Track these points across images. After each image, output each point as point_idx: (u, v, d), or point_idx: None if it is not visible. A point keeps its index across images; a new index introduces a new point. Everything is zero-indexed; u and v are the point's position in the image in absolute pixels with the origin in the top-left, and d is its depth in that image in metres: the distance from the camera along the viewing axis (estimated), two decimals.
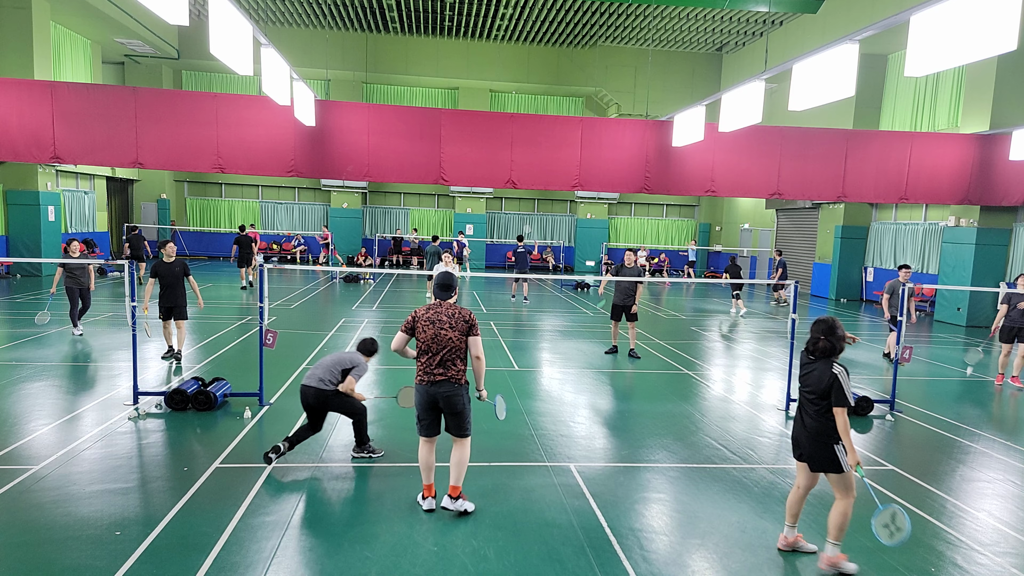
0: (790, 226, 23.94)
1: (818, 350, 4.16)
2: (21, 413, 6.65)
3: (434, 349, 4.61)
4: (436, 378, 4.60)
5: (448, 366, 4.60)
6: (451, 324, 4.60)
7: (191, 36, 23.57)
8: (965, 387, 9.43)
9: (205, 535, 4.28)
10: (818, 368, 4.12)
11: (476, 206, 28.43)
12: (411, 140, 13.76)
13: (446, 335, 4.59)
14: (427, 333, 4.61)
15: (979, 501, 5.40)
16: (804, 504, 4.44)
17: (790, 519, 4.38)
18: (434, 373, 4.61)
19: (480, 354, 4.68)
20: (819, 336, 4.15)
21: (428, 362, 4.64)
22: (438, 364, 4.61)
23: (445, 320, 4.61)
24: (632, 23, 23.16)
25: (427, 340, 4.61)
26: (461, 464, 4.71)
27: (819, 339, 4.14)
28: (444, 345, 4.59)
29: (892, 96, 18.93)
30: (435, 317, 4.63)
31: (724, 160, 14.48)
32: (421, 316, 4.66)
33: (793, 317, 7.64)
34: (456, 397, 4.60)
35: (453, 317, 4.62)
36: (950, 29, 6.20)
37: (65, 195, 20.45)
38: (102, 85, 15.37)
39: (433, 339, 4.60)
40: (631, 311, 10.39)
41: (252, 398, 7.22)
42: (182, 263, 9.16)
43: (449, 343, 4.59)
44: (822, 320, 4.21)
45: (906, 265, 10.38)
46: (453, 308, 4.67)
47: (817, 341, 4.16)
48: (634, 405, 7.97)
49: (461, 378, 4.64)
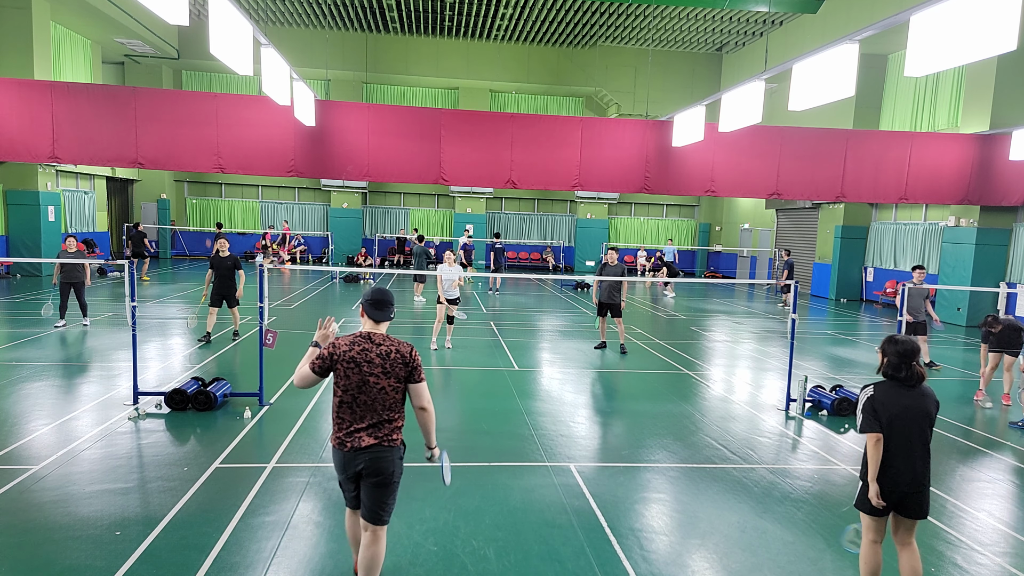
0: (790, 226, 23.94)
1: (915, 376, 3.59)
2: (21, 413, 6.64)
3: (360, 402, 3.32)
4: (361, 443, 3.32)
5: (379, 425, 3.35)
6: (384, 368, 3.31)
7: (191, 36, 23.58)
8: (965, 387, 9.43)
9: (205, 535, 4.28)
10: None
11: (476, 206, 28.43)
12: (411, 140, 13.76)
13: (377, 384, 3.31)
14: (350, 379, 3.31)
15: (979, 501, 5.40)
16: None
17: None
18: (358, 435, 3.33)
19: (427, 404, 3.44)
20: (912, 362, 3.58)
21: (351, 419, 3.35)
22: (365, 423, 3.34)
23: (376, 362, 3.31)
24: (632, 23, 23.16)
25: (350, 389, 3.31)
26: (373, 566, 3.44)
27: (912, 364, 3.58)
28: (374, 397, 3.32)
29: (892, 96, 18.93)
30: (362, 356, 3.31)
31: (724, 160, 14.48)
32: (342, 353, 3.32)
33: (793, 317, 7.64)
34: (385, 462, 3.35)
35: (388, 357, 3.32)
36: (950, 29, 6.20)
37: (65, 195, 20.45)
38: (102, 85, 15.37)
39: (359, 388, 3.30)
40: (618, 307, 10.66)
41: (252, 398, 7.22)
42: (234, 258, 10.50)
43: (381, 395, 3.33)
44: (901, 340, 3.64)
45: (919, 266, 10.19)
46: (389, 343, 3.37)
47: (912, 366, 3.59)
48: (634, 405, 7.96)
49: (397, 440, 3.41)
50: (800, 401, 7.62)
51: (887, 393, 3.57)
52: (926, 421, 3.54)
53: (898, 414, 3.51)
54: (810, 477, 5.72)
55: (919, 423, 3.53)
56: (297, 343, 10.48)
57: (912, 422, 3.52)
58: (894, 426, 3.51)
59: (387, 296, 3.50)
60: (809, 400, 7.78)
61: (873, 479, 3.52)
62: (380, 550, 3.46)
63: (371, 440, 3.33)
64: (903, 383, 3.56)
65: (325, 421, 6.73)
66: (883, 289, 19.17)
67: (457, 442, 6.27)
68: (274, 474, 5.33)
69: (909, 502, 3.55)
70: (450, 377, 8.98)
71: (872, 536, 3.67)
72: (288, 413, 6.90)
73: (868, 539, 3.69)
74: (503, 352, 10.50)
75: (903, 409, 3.52)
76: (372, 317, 3.47)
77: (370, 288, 3.53)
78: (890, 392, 3.57)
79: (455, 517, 4.66)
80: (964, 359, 11.59)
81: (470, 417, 7.12)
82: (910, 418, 3.51)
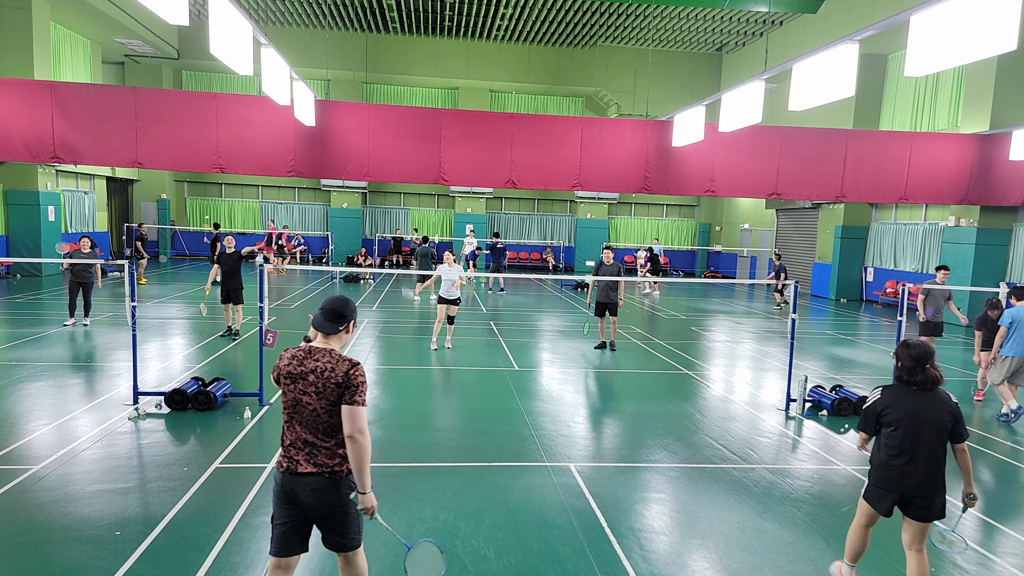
0: (790, 226, 23.94)
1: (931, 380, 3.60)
2: (21, 413, 6.65)
3: (296, 420, 3.01)
4: (299, 467, 2.97)
5: (315, 452, 2.97)
6: (317, 387, 2.92)
7: (191, 36, 23.58)
8: (964, 387, 9.43)
9: (205, 535, 4.28)
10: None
11: (476, 206, 28.43)
12: (411, 140, 13.76)
13: (309, 404, 2.95)
14: (287, 396, 3.03)
15: (979, 501, 5.39)
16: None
17: None
18: (295, 458, 2.99)
19: (356, 432, 2.90)
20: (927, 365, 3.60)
21: (289, 437, 3.04)
22: (301, 443, 2.99)
23: (311, 379, 2.94)
24: (632, 23, 23.16)
25: (288, 405, 3.03)
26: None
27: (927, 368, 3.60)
28: (306, 419, 2.97)
29: (892, 96, 18.93)
30: (297, 371, 2.98)
31: (724, 160, 14.48)
32: (284, 365, 3.04)
33: (793, 317, 7.64)
34: (329, 495, 2.97)
35: (322, 375, 2.93)
36: (950, 29, 6.20)
37: (65, 195, 20.45)
38: (102, 85, 15.37)
39: (294, 406, 3.00)
40: (615, 307, 10.77)
41: (252, 398, 7.23)
42: (239, 255, 10.83)
43: (312, 417, 2.96)
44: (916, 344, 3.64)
45: (943, 266, 10.03)
46: (327, 359, 2.97)
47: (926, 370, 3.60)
48: (634, 405, 7.96)
49: (340, 469, 2.98)
50: (800, 401, 7.62)
51: (894, 396, 3.61)
52: (936, 428, 3.53)
53: (904, 416, 3.54)
54: (810, 477, 5.72)
55: (928, 429, 3.52)
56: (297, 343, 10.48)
57: (919, 427, 3.52)
58: (899, 429, 3.55)
59: (339, 306, 3.06)
60: (809, 400, 7.78)
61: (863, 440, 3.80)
62: (358, 571, 3.15)
63: (309, 467, 2.95)
64: (920, 387, 3.57)
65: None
66: (883, 289, 19.17)
67: (457, 442, 6.28)
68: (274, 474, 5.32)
69: (914, 504, 3.58)
70: (450, 377, 8.98)
71: (863, 521, 3.83)
72: None
73: (859, 523, 3.85)
74: (503, 352, 10.50)
75: (910, 412, 3.54)
76: (317, 327, 3.06)
77: (327, 299, 3.14)
78: (898, 395, 3.61)
79: (455, 517, 4.66)
80: (964, 359, 11.60)
81: (470, 417, 7.12)
82: (917, 422, 3.52)
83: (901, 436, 3.54)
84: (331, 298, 3.13)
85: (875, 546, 4.42)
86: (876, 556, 4.34)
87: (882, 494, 3.64)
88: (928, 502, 3.56)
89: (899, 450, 3.55)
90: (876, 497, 3.67)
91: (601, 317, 11.08)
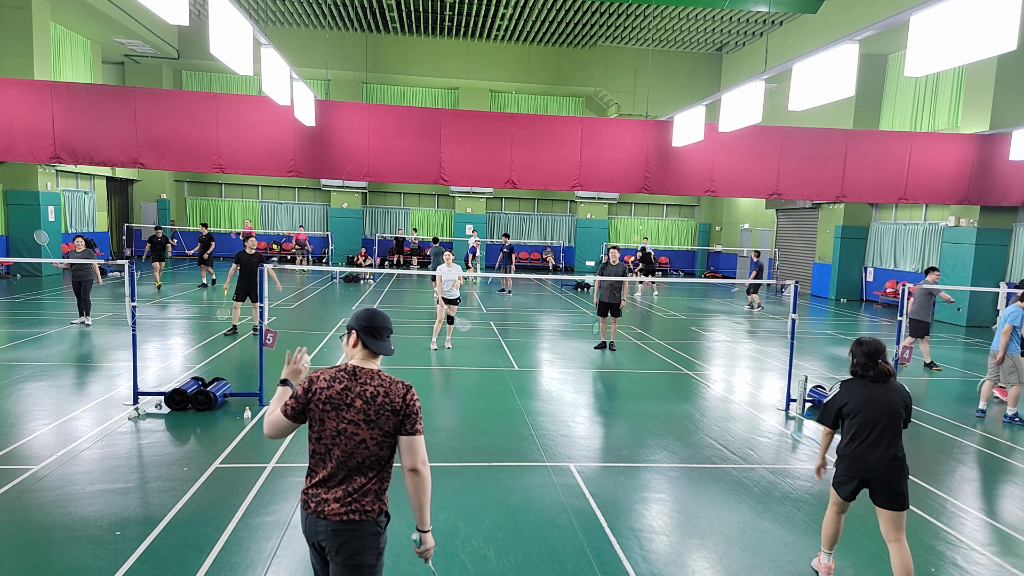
0: (790, 226, 23.94)
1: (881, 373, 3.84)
2: (21, 413, 6.65)
3: (334, 456, 2.56)
4: (328, 510, 2.54)
5: (356, 489, 2.55)
6: (367, 416, 2.54)
7: (191, 36, 23.58)
8: (964, 387, 9.43)
9: (205, 535, 4.28)
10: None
11: (476, 206, 28.43)
12: (411, 140, 13.76)
13: (356, 435, 2.54)
14: (325, 426, 2.57)
15: (979, 501, 5.40)
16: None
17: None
18: (327, 498, 2.56)
19: (419, 465, 2.57)
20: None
21: (321, 475, 2.60)
22: (337, 483, 2.57)
23: (358, 406, 2.54)
24: (632, 23, 23.16)
25: (323, 437, 2.58)
26: None
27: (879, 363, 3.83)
28: (350, 452, 2.55)
29: (892, 96, 18.93)
30: (341, 398, 2.56)
31: (724, 160, 14.48)
32: (320, 389, 2.59)
33: (793, 317, 7.64)
34: (355, 540, 2.55)
35: (374, 402, 2.55)
36: (950, 29, 6.20)
37: (65, 195, 20.46)
38: (102, 85, 15.37)
39: (335, 437, 2.55)
40: (618, 307, 10.75)
41: (252, 398, 7.23)
42: (260, 255, 10.96)
43: (360, 450, 2.55)
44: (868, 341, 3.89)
45: (934, 268, 10.30)
46: (377, 383, 2.59)
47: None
48: (634, 405, 7.96)
49: (373, 509, 2.58)
50: (800, 401, 7.63)
51: (851, 389, 3.89)
52: (891, 414, 3.77)
53: (860, 405, 3.81)
54: (810, 477, 5.72)
55: (883, 415, 3.77)
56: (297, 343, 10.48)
57: (875, 413, 3.77)
58: (857, 417, 3.81)
59: (387, 322, 2.71)
60: (809, 400, 7.78)
61: (820, 459, 4.10)
62: None
63: (338, 508, 2.53)
64: (873, 380, 3.84)
65: None
66: (883, 289, 19.17)
67: (457, 442, 6.27)
68: (274, 474, 5.33)
69: (876, 490, 3.79)
70: (450, 377, 8.98)
71: (836, 508, 4.05)
72: None
73: (832, 510, 4.07)
74: (503, 352, 10.50)
75: (865, 400, 3.81)
76: (370, 348, 2.64)
77: (363, 311, 2.71)
78: (853, 388, 3.88)
79: (455, 517, 4.66)
80: (964, 359, 11.60)
81: (470, 417, 7.12)
82: (872, 410, 3.78)
83: (860, 422, 3.79)
84: (373, 313, 2.70)
85: (874, 544, 4.42)
86: (876, 554, 4.34)
87: (845, 479, 3.87)
88: (888, 487, 3.74)
89: (859, 435, 3.79)
90: (840, 483, 3.92)
91: (603, 317, 11.07)
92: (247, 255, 10.99)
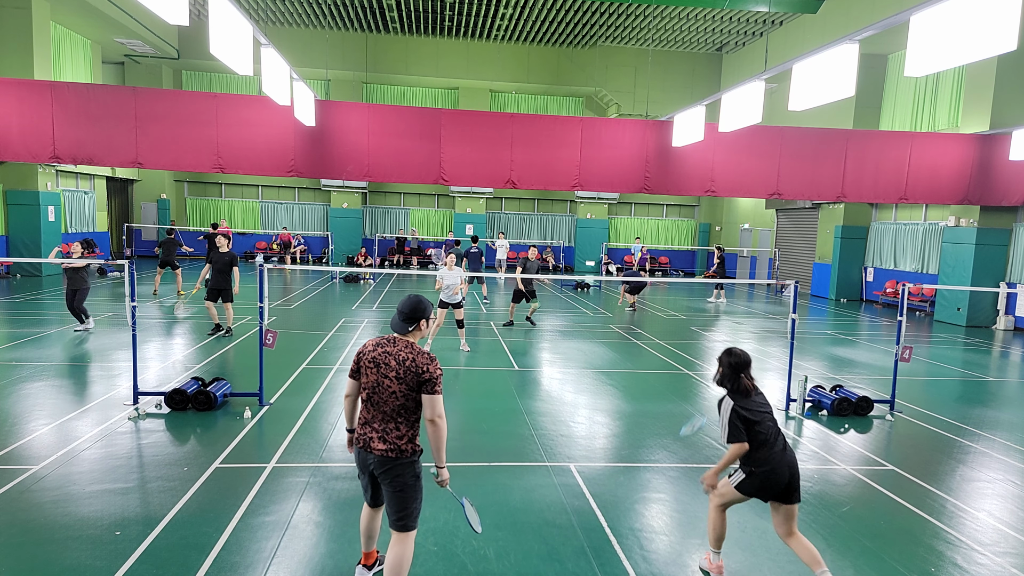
0: (790, 226, 23.94)
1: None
2: (21, 413, 6.65)
3: (374, 401, 3.45)
4: (371, 444, 3.43)
5: (388, 429, 3.43)
6: (398, 373, 3.38)
7: (191, 36, 23.57)
8: (965, 387, 9.43)
9: (205, 535, 4.28)
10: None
11: (476, 206, 28.42)
12: (411, 140, 13.76)
13: (390, 387, 3.40)
14: (369, 378, 3.46)
15: (979, 501, 5.40)
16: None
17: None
18: (369, 435, 3.45)
19: (436, 416, 3.38)
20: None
21: (366, 415, 3.51)
22: (376, 424, 3.46)
23: (392, 365, 3.39)
24: (632, 23, 23.16)
25: (367, 386, 3.47)
26: (396, 569, 3.42)
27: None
28: (385, 399, 3.42)
29: (892, 96, 18.93)
30: (381, 357, 3.43)
31: (724, 160, 14.48)
32: (367, 352, 3.50)
33: (793, 317, 7.64)
34: (396, 470, 3.42)
35: (403, 363, 3.39)
36: (950, 29, 6.20)
37: (65, 195, 20.45)
38: (102, 85, 15.37)
39: (375, 388, 3.44)
40: (533, 293, 13.02)
41: (252, 398, 7.22)
42: (231, 255, 10.69)
43: (391, 399, 3.41)
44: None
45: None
46: (408, 349, 3.44)
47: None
48: (634, 405, 7.96)
49: (407, 448, 3.44)
50: (800, 401, 7.63)
51: (739, 400, 3.84)
52: (772, 415, 3.88)
53: (756, 412, 3.82)
54: (810, 477, 5.72)
55: (772, 418, 3.87)
56: (297, 343, 10.48)
57: (767, 418, 3.83)
58: (761, 427, 3.80)
59: (409, 308, 3.52)
60: (809, 400, 7.78)
61: (718, 470, 3.95)
62: (403, 554, 3.43)
63: (381, 445, 3.42)
64: (735, 392, 3.84)
65: (325, 421, 6.74)
66: (883, 289, 19.17)
67: (457, 442, 6.27)
68: (274, 474, 5.33)
69: (793, 485, 3.83)
70: (450, 377, 8.98)
71: (725, 508, 4.06)
72: (288, 413, 6.90)
73: (721, 511, 4.04)
74: (503, 352, 10.50)
75: (759, 407, 3.85)
76: (394, 328, 3.57)
77: (404, 299, 3.58)
78: (739, 399, 3.85)
79: (455, 517, 4.66)
80: (964, 359, 11.60)
81: (470, 417, 7.12)
82: (765, 415, 3.83)
83: (767, 427, 3.80)
84: (405, 300, 3.57)
85: (874, 543, 4.42)
86: (876, 554, 4.34)
87: (771, 482, 3.78)
88: (798, 482, 3.83)
89: (770, 439, 3.79)
90: (758, 488, 3.83)
91: (516, 303, 13.21)
92: (218, 254, 10.66)
